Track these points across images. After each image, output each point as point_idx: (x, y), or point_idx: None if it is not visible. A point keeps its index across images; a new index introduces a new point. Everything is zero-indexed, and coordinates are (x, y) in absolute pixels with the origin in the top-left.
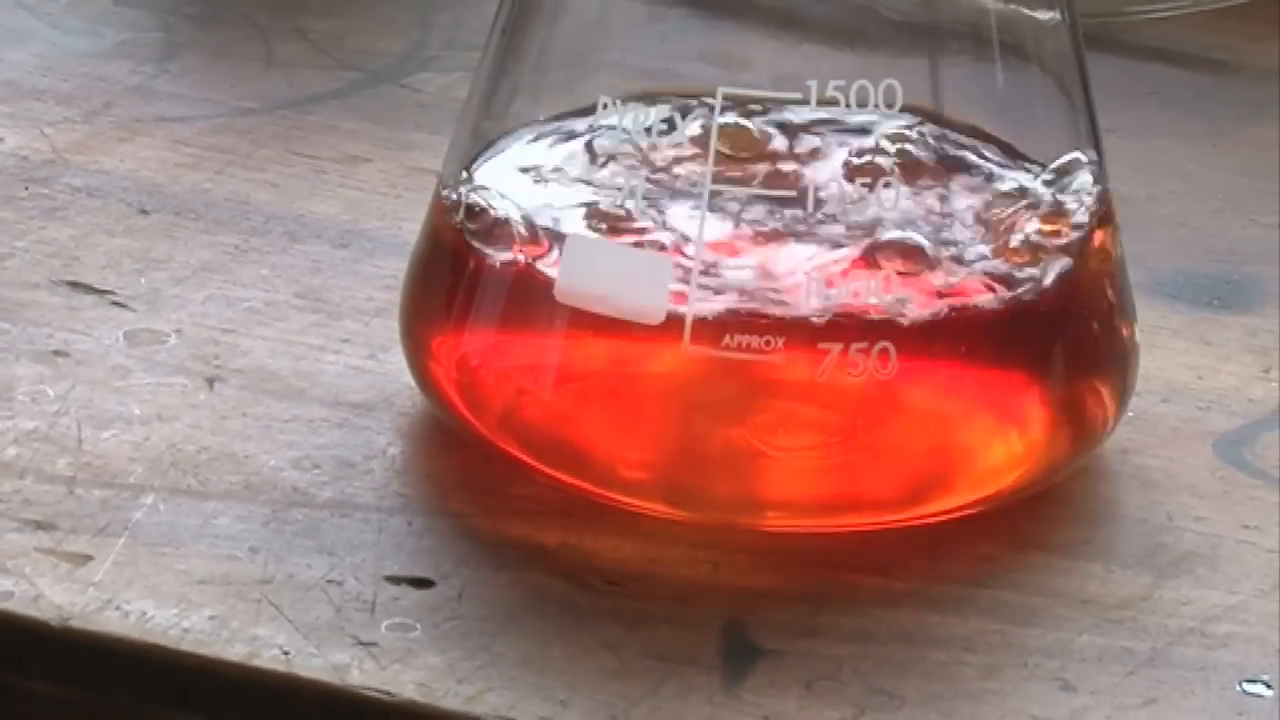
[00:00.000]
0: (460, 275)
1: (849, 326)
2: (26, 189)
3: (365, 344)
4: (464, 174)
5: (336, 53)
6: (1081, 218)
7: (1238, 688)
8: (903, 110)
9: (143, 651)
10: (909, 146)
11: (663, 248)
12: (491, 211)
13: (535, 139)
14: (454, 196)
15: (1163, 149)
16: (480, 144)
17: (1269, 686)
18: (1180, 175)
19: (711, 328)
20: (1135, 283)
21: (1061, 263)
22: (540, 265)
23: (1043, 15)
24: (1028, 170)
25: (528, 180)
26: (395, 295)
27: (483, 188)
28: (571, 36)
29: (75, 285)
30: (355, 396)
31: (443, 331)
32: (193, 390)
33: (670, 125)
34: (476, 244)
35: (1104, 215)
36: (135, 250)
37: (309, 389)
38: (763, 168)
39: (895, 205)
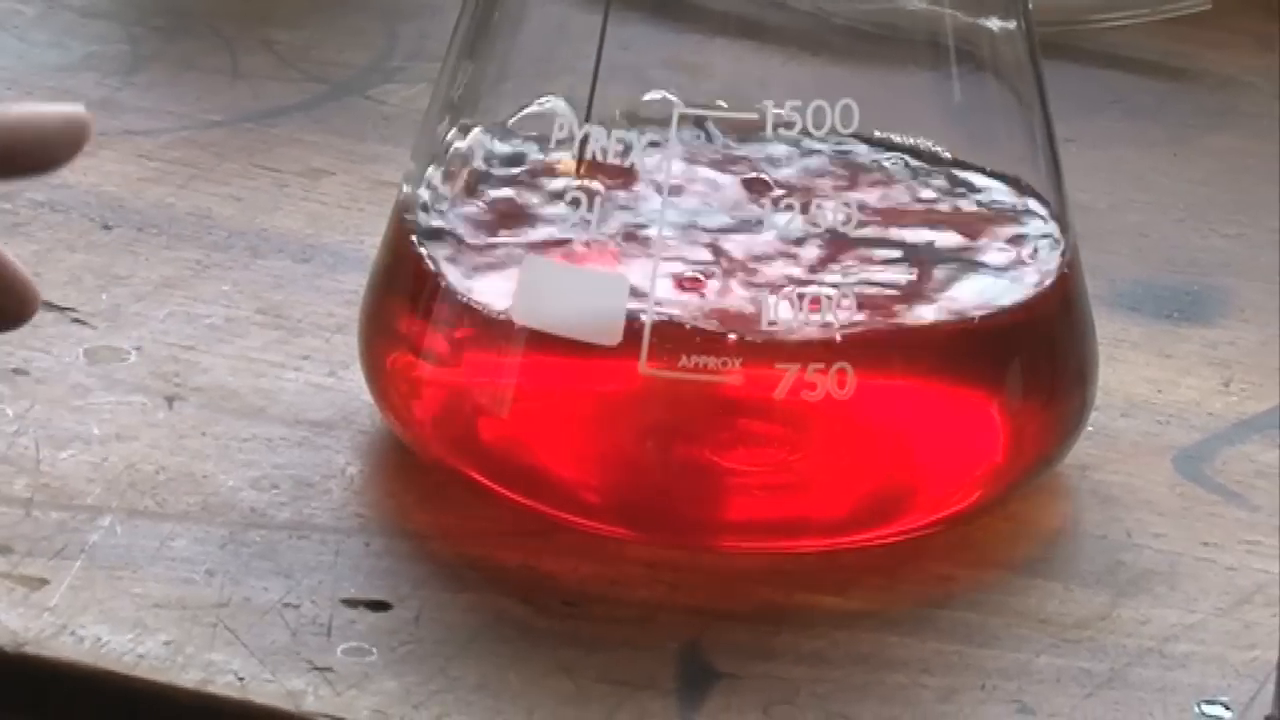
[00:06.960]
0: (417, 293)
1: (806, 347)
2: None
3: (326, 361)
4: (423, 189)
5: (302, 64)
6: (1039, 235)
7: (1196, 709)
8: (857, 134)
9: (97, 678)
10: (868, 168)
11: (619, 268)
12: (447, 229)
13: (493, 157)
14: (411, 213)
15: (1123, 158)
16: (440, 158)
17: (1228, 708)
18: (1141, 184)
19: (668, 348)
20: (1095, 294)
21: (1019, 281)
22: (497, 284)
23: (998, 24)
24: (985, 189)
25: (485, 199)
26: (356, 311)
27: (440, 204)
28: (533, 45)
29: None
30: (315, 415)
31: (398, 349)
32: (152, 409)
33: (626, 146)
34: (432, 261)
35: (1061, 230)
36: (97, 266)
37: (269, 407)
38: (720, 188)
39: (853, 227)
